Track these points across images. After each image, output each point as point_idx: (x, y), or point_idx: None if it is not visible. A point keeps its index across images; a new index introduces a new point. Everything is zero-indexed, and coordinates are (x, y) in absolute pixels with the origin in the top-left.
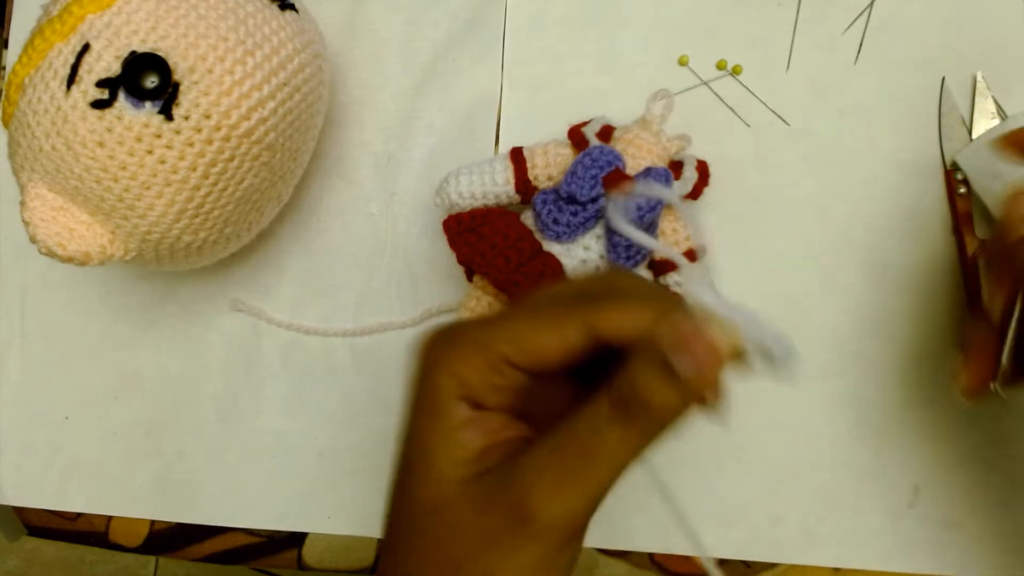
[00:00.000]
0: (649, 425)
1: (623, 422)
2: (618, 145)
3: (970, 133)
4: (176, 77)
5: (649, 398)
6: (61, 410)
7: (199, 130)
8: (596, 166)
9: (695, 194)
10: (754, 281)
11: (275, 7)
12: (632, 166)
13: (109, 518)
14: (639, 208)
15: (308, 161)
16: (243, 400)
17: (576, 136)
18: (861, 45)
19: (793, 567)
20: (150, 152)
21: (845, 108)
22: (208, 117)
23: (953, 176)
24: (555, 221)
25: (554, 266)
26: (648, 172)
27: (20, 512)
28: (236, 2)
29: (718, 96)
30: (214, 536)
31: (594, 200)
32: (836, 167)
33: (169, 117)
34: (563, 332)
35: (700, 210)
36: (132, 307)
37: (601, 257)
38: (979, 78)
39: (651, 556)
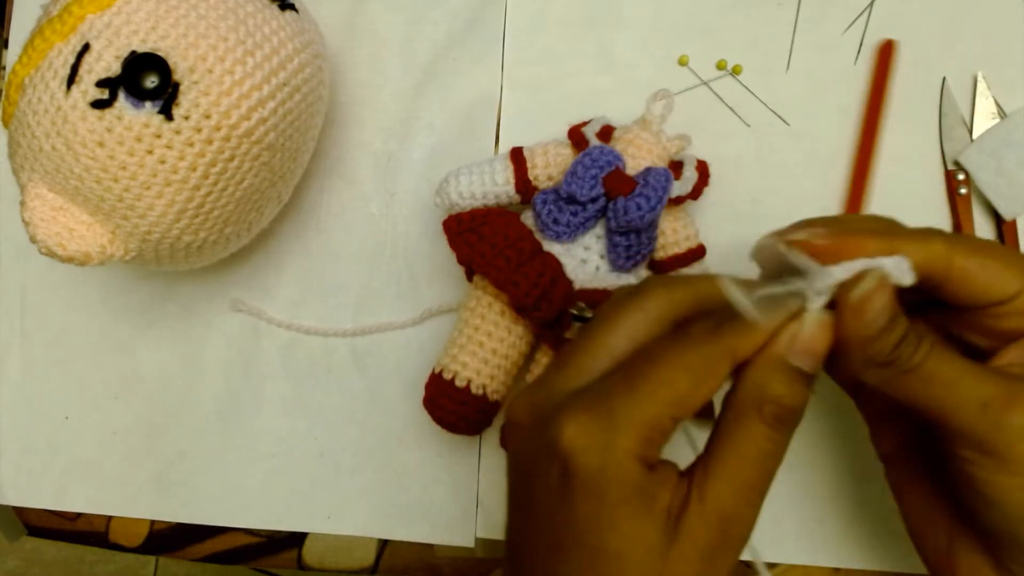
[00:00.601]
0: (793, 422)
1: (778, 431)
2: (618, 145)
3: (970, 133)
4: (176, 77)
5: (791, 404)
6: (61, 410)
7: (199, 130)
8: (596, 166)
9: (695, 194)
10: None
11: (275, 7)
12: (632, 166)
13: (109, 518)
14: (639, 208)
15: (308, 161)
16: (243, 400)
17: (576, 136)
18: (861, 45)
19: (793, 567)
20: (150, 152)
21: (845, 108)
22: (208, 117)
23: (953, 176)
24: (555, 221)
25: (554, 266)
26: (648, 172)
27: (20, 512)
28: (236, 2)
29: (718, 96)
30: (214, 536)
31: (594, 200)
32: (836, 167)
33: (169, 117)
34: (717, 374)
35: (700, 210)
36: (132, 307)
37: (601, 257)
38: (979, 78)
39: None
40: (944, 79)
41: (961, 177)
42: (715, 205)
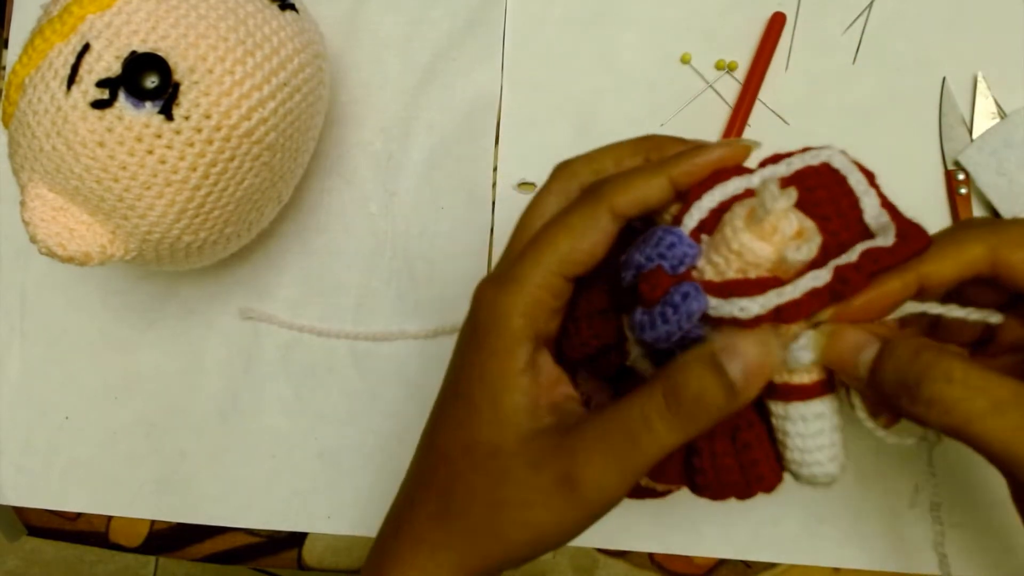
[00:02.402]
0: (695, 419)
1: (672, 414)
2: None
3: (970, 133)
4: (176, 77)
5: (700, 394)
6: (61, 410)
7: (199, 130)
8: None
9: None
10: None
11: (275, 7)
12: (712, 272)
13: (109, 518)
14: (652, 326)
15: (308, 161)
16: (243, 400)
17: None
18: (860, 45)
19: (793, 567)
20: (150, 152)
21: (845, 108)
22: (208, 117)
23: (953, 176)
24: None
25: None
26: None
27: (20, 512)
28: (236, 2)
29: (720, 96)
30: (214, 536)
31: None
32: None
33: (169, 117)
34: (598, 225)
35: None
36: (132, 307)
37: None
38: (979, 78)
39: (651, 556)
40: (944, 79)
41: (961, 177)
42: None
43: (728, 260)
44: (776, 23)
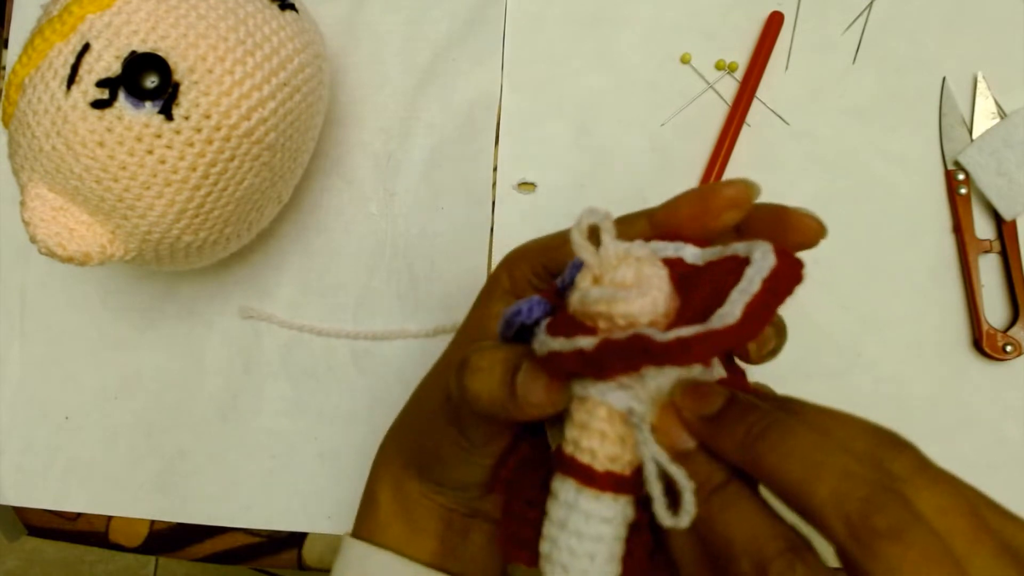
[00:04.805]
0: (475, 398)
1: (459, 378)
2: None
3: (970, 133)
4: (176, 77)
5: (455, 386)
6: (61, 410)
7: (199, 130)
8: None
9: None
10: None
11: (275, 7)
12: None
13: (109, 518)
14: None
15: (308, 161)
16: (243, 400)
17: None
18: (859, 45)
19: None
20: (150, 152)
21: (845, 108)
22: (208, 117)
23: (953, 176)
24: None
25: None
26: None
27: (20, 512)
28: (236, 2)
29: (720, 96)
30: (214, 536)
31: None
32: (836, 167)
33: (169, 117)
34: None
35: None
36: (132, 307)
37: None
38: (979, 78)
39: None
40: (944, 79)
41: (961, 177)
42: None
43: (571, 303)
44: (774, 22)
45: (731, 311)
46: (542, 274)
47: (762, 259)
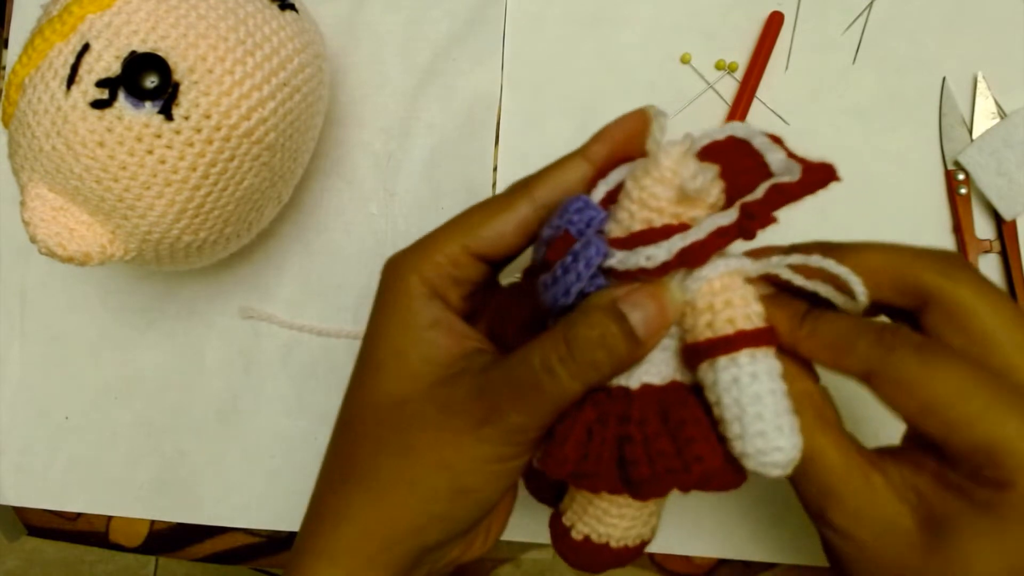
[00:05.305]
0: (597, 367)
1: (573, 360)
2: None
3: (970, 133)
4: (176, 77)
5: (599, 342)
6: (61, 410)
7: (199, 130)
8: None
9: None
10: None
11: (275, 7)
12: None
13: (109, 518)
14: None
15: (308, 161)
16: (243, 400)
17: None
18: (859, 45)
19: (793, 567)
20: (150, 152)
21: (845, 108)
22: (208, 117)
23: (953, 176)
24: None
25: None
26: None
27: (20, 512)
28: (236, 2)
29: (720, 96)
30: (214, 536)
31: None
32: (836, 167)
33: (169, 117)
34: (513, 208)
35: None
36: (132, 307)
37: None
38: (979, 78)
39: (651, 556)
40: (944, 79)
41: (961, 177)
42: None
43: (631, 212)
44: (774, 23)
45: (789, 169)
46: (465, 261)
47: (757, 136)
